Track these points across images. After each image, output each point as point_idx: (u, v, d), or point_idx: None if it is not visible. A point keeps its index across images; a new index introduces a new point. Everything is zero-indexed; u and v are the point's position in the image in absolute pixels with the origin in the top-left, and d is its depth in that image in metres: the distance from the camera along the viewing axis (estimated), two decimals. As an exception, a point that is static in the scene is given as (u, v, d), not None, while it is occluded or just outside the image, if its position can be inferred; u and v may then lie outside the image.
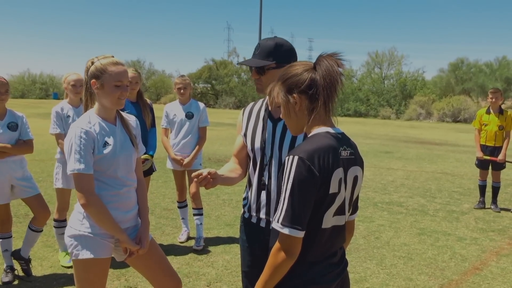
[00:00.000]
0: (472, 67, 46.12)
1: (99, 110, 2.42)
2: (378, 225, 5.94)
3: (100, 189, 2.36)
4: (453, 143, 18.00)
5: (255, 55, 2.27)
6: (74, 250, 2.35)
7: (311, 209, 1.62)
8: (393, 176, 9.82)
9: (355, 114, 41.54)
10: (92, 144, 2.31)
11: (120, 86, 2.37)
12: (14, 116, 3.83)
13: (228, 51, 63.37)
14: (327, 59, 1.68)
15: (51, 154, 10.17)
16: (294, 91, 1.71)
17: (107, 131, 2.39)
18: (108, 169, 2.37)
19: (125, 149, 2.44)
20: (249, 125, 2.36)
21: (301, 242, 1.62)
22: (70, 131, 2.33)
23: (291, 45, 2.29)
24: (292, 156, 1.62)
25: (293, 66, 1.77)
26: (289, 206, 1.59)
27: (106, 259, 2.41)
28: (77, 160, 2.26)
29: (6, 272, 3.86)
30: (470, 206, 7.20)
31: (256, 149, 2.27)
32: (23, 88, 58.97)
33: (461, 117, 35.79)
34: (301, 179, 1.58)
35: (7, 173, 3.73)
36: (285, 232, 1.59)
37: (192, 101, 5.04)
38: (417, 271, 4.39)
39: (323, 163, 1.61)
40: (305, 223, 1.61)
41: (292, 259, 1.61)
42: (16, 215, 5.50)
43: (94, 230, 2.35)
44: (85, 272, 2.36)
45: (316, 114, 1.69)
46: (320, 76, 1.67)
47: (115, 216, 2.36)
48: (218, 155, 11.85)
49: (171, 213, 6.18)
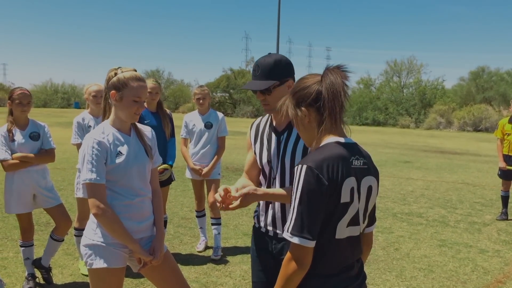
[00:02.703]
0: (493, 76, 45.42)
1: (114, 121, 2.45)
2: (397, 236, 5.86)
3: (112, 198, 2.38)
4: (474, 153, 17.69)
5: (256, 77, 2.26)
6: (89, 259, 2.38)
7: (322, 219, 1.62)
8: (413, 186, 9.69)
9: (373, 123, 41.24)
10: (105, 155, 2.34)
11: (138, 102, 2.40)
12: (36, 126, 3.92)
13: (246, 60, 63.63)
14: (332, 72, 1.71)
15: (72, 163, 10.35)
16: (302, 104, 1.75)
17: (121, 141, 2.42)
18: (121, 179, 2.39)
19: (139, 160, 2.45)
20: (257, 141, 2.40)
21: (312, 252, 1.61)
22: (84, 141, 2.37)
23: (287, 59, 2.30)
24: (301, 165, 1.63)
25: (303, 80, 1.82)
26: (298, 215, 1.59)
27: (120, 269, 2.42)
28: (90, 170, 2.29)
29: (28, 280, 3.92)
30: (492, 217, 7.05)
31: (264, 164, 2.32)
32: (46, 98, 60.31)
33: (482, 126, 35.20)
34: (309, 188, 1.59)
35: (30, 182, 3.81)
36: (294, 242, 1.59)
37: (211, 111, 5.08)
38: (438, 284, 4.31)
39: (332, 172, 1.61)
40: (315, 232, 1.60)
41: (303, 270, 1.61)
42: (38, 223, 5.59)
43: (107, 240, 2.37)
44: (99, 281, 2.38)
45: (324, 125, 1.72)
46: (325, 89, 1.70)
47: (128, 226, 2.37)
48: (236, 164, 11.88)
49: (189, 222, 6.21)
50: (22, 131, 3.82)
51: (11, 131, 3.77)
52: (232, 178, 9.77)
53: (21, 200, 3.81)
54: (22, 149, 3.77)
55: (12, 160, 3.72)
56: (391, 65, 47.27)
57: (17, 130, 3.80)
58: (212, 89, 48.65)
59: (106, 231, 2.35)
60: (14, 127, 3.80)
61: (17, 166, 3.74)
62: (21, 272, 4.19)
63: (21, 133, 3.81)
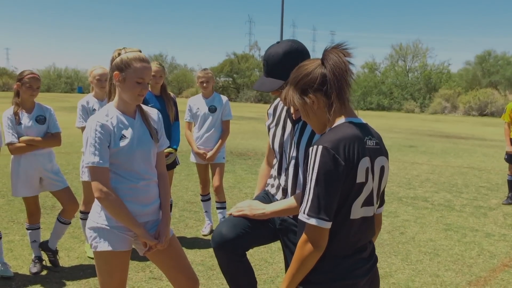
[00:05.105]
0: (499, 60, 44.97)
1: (118, 103, 2.41)
2: (403, 220, 5.85)
3: (117, 182, 2.35)
4: (480, 137, 17.60)
5: (265, 73, 2.21)
6: (93, 242, 2.37)
7: (338, 200, 1.60)
8: (418, 170, 9.66)
9: (378, 107, 41.06)
10: (108, 138, 2.30)
11: (141, 83, 2.35)
12: (42, 110, 3.89)
13: (250, 45, 63.27)
14: (333, 52, 1.67)
15: (76, 147, 10.36)
16: (308, 92, 1.71)
17: (125, 124, 2.38)
18: (125, 163, 2.36)
19: (144, 143, 2.41)
20: (272, 125, 2.37)
21: (328, 233, 1.60)
22: (87, 124, 2.34)
23: (298, 47, 2.18)
24: (316, 146, 1.60)
25: (301, 67, 1.76)
26: (315, 196, 1.57)
27: (125, 252, 2.40)
28: (92, 153, 2.26)
29: (35, 263, 3.94)
30: (498, 201, 7.02)
31: (276, 151, 2.30)
32: (49, 82, 60.27)
33: (488, 110, 34.99)
34: (326, 169, 1.56)
35: (36, 166, 3.80)
36: (311, 223, 1.57)
37: (215, 95, 5.03)
38: (444, 267, 4.31)
39: (349, 152, 1.59)
40: (332, 213, 1.59)
41: (319, 251, 1.59)
42: (43, 206, 5.61)
43: (111, 223, 2.35)
44: (105, 264, 2.38)
45: (334, 107, 1.69)
46: (329, 71, 1.65)
47: (132, 210, 2.34)
48: (240, 149, 11.86)
49: (194, 206, 6.22)
50: (28, 114, 3.80)
51: (18, 114, 3.75)
52: (236, 163, 9.76)
53: (28, 183, 3.80)
54: (29, 132, 3.76)
55: (19, 143, 3.71)
56: (397, 49, 46.92)
57: (23, 113, 3.78)
58: (216, 74, 48.50)
59: (110, 214, 2.33)
60: (21, 110, 3.78)
61: (24, 149, 3.73)
62: (28, 255, 4.22)
63: (28, 116, 3.79)
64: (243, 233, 2.20)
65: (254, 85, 2.28)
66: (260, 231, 2.25)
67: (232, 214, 2.28)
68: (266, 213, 2.16)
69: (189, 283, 2.52)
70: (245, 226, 2.21)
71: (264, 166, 2.60)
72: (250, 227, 2.22)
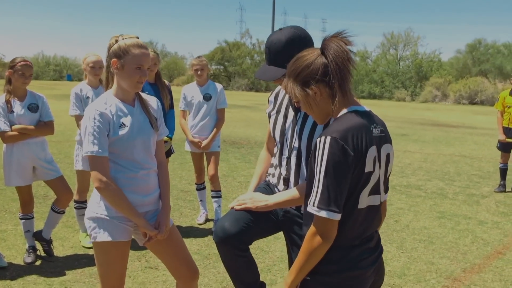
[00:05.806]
0: (489, 48, 45.21)
1: (117, 91, 2.36)
2: (397, 208, 5.88)
3: (116, 171, 2.31)
4: (470, 126, 17.73)
5: (267, 61, 2.16)
6: (92, 232, 2.33)
7: (347, 190, 1.58)
8: (410, 159, 9.71)
9: (369, 96, 41.16)
10: (107, 126, 2.26)
11: (140, 70, 2.30)
12: (34, 97, 3.82)
13: (241, 33, 62.80)
14: (334, 41, 1.63)
15: (67, 136, 10.25)
16: (310, 83, 1.66)
17: (125, 112, 2.34)
18: (125, 152, 2.32)
19: (143, 131, 2.37)
20: (273, 112, 2.33)
21: (337, 225, 1.58)
22: (86, 112, 2.29)
23: (301, 34, 2.11)
24: (324, 136, 1.57)
25: (300, 58, 1.70)
26: (324, 188, 1.55)
27: (125, 242, 2.37)
28: (91, 142, 2.22)
29: (29, 253, 3.90)
30: (490, 189, 7.08)
31: (276, 139, 2.27)
32: (37, 70, 59.21)
33: (478, 99, 35.22)
34: (335, 160, 1.54)
35: (29, 154, 3.74)
36: (322, 216, 1.55)
37: (209, 83, 4.98)
38: (439, 255, 4.34)
39: (357, 142, 1.57)
40: (342, 205, 1.57)
41: (328, 243, 1.58)
42: (36, 195, 5.54)
43: (111, 213, 2.31)
44: (104, 254, 2.35)
45: (338, 97, 1.65)
46: (330, 60, 1.62)
47: (132, 199, 2.31)
48: (233, 137, 11.83)
49: (188, 195, 6.19)
50: (20, 102, 3.72)
51: (10, 102, 3.67)
52: (230, 151, 9.73)
53: (21, 172, 3.74)
54: (21, 120, 3.69)
55: (11, 132, 3.64)
56: (388, 38, 46.87)
57: (15, 101, 3.70)
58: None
59: (110, 204, 2.29)
60: (13, 98, 3.70)
61: (16, 138, 3.66)
62: (21, 245, 4.17)
63: (20, 104, 3.71)
64: (246, 227, 2.17)
65: (255, 73, 2.22)
66: (263, 223, 2.22)
67: (234, 207, 2.24)
68: (269, 204, 2.13)
69: (189, 273, 2.49)
70: (248, 219, 2.18)
71: (264, 152, 2.56)
72: (253, 221, 2.19)
